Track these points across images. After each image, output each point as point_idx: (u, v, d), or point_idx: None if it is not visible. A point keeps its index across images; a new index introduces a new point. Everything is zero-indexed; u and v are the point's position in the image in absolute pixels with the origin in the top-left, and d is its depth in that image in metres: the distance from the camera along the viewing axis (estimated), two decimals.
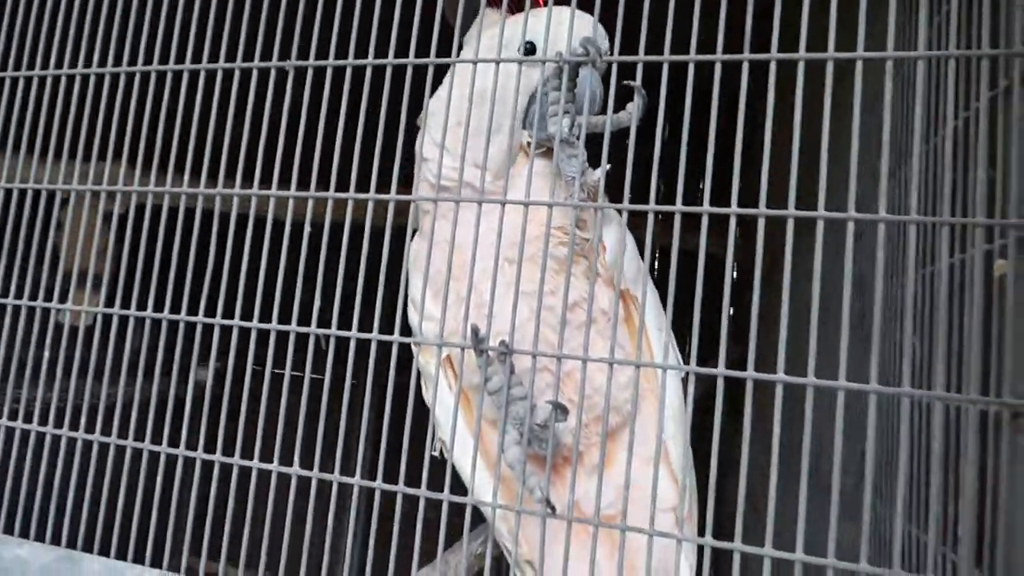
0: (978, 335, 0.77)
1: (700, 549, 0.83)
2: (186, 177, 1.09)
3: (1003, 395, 0.75)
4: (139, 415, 1.05)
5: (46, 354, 1.12)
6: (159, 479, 1.00)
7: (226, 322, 1.01)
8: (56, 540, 1.03)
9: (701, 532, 0.83)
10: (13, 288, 1.17)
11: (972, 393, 0.76)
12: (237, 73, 1.07)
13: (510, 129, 1.03)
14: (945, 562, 0.84)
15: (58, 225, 1.23)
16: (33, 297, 1.14)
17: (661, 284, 0.96)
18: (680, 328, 0.85)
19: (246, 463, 0.97)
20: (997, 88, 0.81)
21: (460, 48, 1.13)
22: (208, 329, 1.02)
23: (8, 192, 1.23)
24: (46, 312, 1.13)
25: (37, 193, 1.21)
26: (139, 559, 0.99)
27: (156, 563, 0.97)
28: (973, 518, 0.76)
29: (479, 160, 0.96)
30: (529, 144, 1.10)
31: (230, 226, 1.07)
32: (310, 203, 1.02)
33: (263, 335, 0.99)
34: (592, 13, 0.93)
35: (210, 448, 0.99)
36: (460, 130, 0.96)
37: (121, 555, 0.99)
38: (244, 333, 1.00)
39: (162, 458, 1.01)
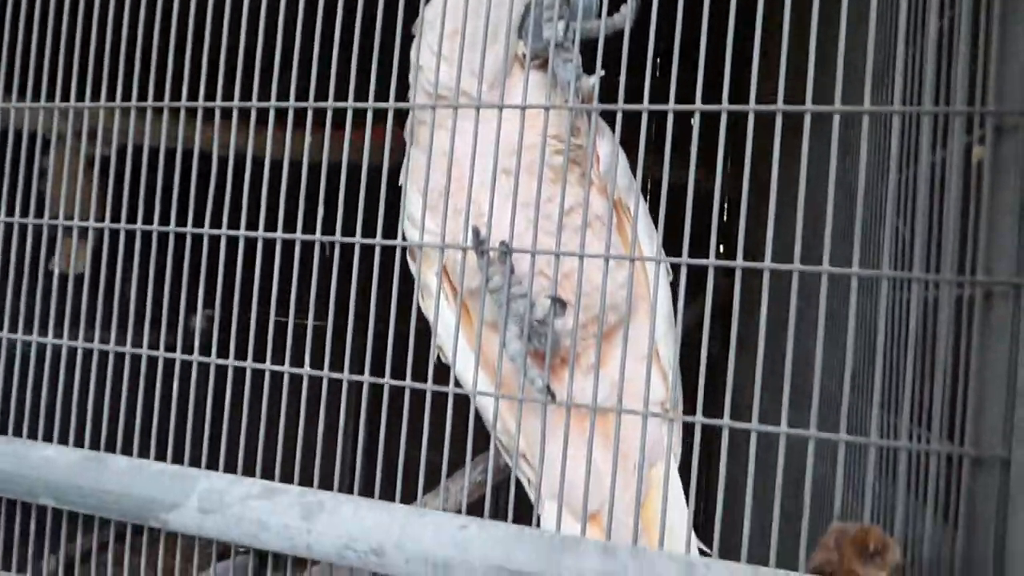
0: (955, 219, 0.81)
1: (687, 436, 0.89)
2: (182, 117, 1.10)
3: (977, 275, 0.79)
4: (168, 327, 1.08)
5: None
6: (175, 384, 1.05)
7: (250, 233, 1.04)
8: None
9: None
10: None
11: (948, 274, 0.81)
12: None
13: (506, 37, 1.04)
14: (921, 440, 0.90)
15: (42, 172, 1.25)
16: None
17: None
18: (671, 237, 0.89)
19: (259, 366, 1.01)
20: None
21: None
22: (222, 242, 1.06)
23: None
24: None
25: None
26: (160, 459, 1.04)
27: (177, 462, 1.02)
28: (944, 392, 0.82)
29: (476, 68, 0.98)
30: (525, 55, 1.11)
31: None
32: (310, 113, 1.04)
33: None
34: None
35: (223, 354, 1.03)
36: (457, 38, 0.98)
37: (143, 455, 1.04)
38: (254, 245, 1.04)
39: (177, 364, 1.05)
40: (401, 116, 1.06)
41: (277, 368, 1.01)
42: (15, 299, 1.20)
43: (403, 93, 1.13)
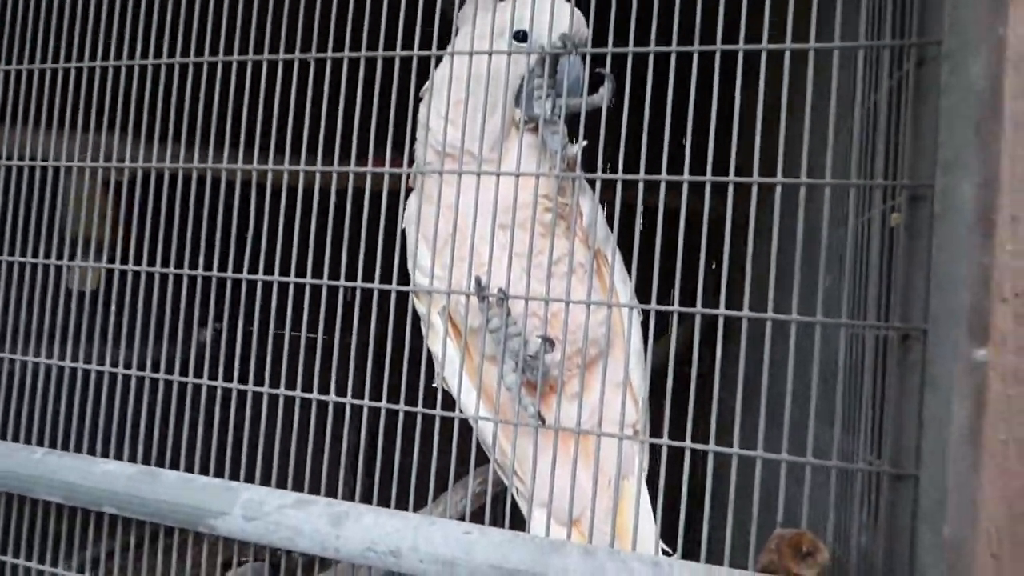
0: (876, 273, 0.97)
1: (653, 455, 1.05)
2: (211, 150, 1.28)
3: (893, 321, 0.95)
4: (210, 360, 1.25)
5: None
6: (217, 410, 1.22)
7: (267, 278, 1.21)
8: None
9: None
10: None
11: (871, 319, 0.97)
12: (265, 65, 1.25)
13: (502, 108, 1.21)
14: (852, 459, 1.06)
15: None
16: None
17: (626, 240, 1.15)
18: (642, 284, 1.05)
19: (290, 393, 1.18)
20: (899, 73, 0.99)
21: (457, 31, 1.31)
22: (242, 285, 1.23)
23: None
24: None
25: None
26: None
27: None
28: (871, 417, 0.98)
29: (477, 133, 1.15)
30: (521, 121, 1.28)
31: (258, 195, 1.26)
32: (334, 175, 1.20)
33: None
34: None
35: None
36: (461, 106, 1.15)
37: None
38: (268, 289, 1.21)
39: (219, 392, 1.22)
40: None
41: (307, 395, 1.18)
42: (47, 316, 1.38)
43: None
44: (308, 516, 1.11)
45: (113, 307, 1.30)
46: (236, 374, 1.23)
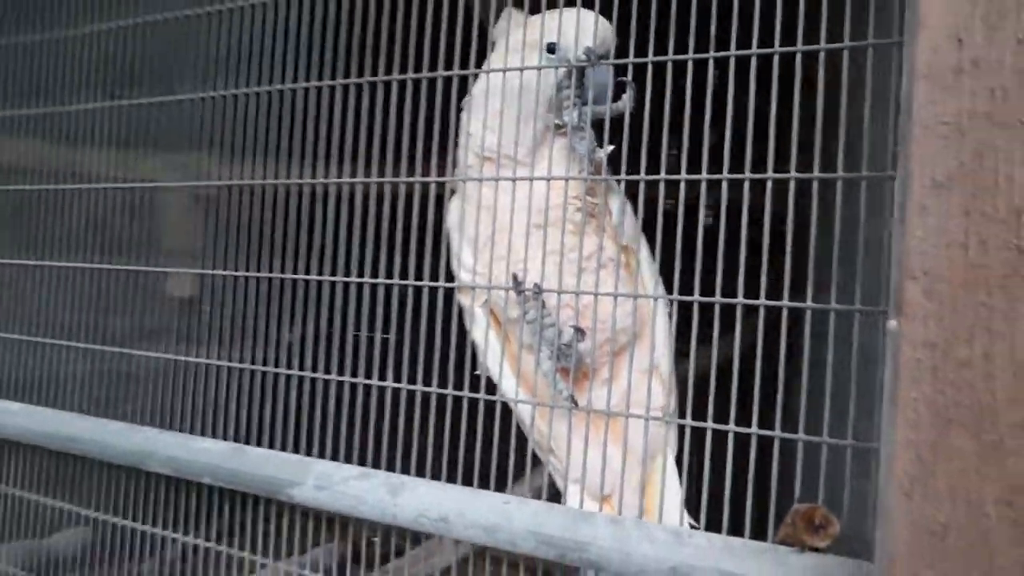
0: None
1: (680, 435, 1.13)
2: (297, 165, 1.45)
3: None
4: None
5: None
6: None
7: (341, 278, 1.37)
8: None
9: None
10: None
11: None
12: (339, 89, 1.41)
13: (533, 117, 1.31)
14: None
15: None
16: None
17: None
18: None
19: (367, 381, 1.34)
20: None
21: (493, 45, 1.42)
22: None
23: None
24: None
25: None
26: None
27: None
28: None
29: (515, 139, 1.26)
30: (555, 126, 1.38)
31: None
32: (402, 187, 1.35)
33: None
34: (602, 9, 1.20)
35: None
36: (498, 116, 1.26)
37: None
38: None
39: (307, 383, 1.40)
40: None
41: (377, 383, 1.32)
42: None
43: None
44: (370, 486, 1.26)
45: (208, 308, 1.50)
46: (310, 365, 1.40)
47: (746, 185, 1.08)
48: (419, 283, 1.29)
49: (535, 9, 1.41)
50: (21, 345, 1.78)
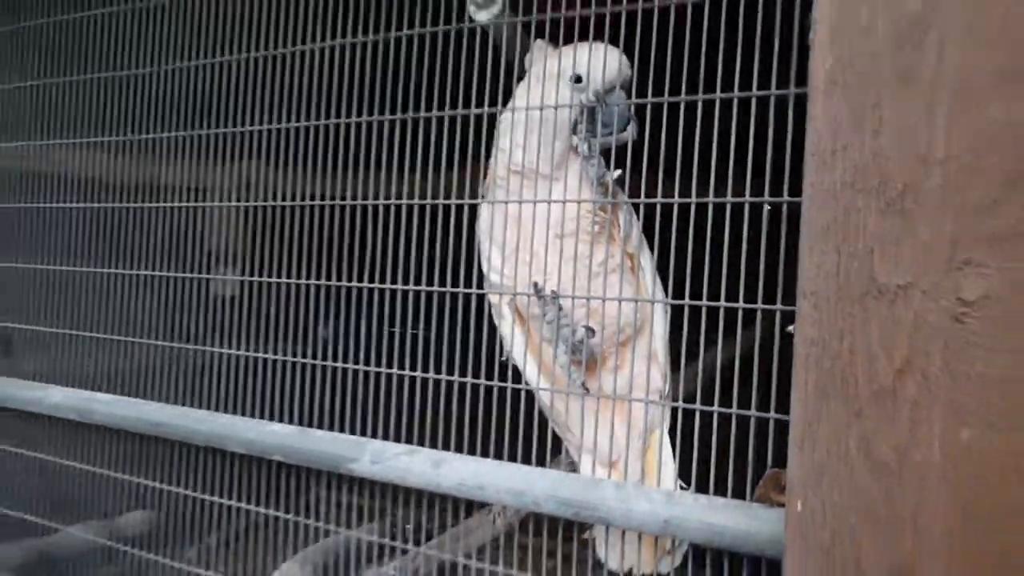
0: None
1: (673, 413, 1.35)
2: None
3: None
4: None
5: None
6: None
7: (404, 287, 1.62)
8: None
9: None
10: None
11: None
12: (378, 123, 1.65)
13: (553, 139, 1.53)
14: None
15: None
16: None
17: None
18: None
19: (412, 373, 1.59)
20: None
21: (525, 73, 1.65)
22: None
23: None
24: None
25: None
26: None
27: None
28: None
29: (544, 156, 1.49)
30: (576, 147, 1.61)
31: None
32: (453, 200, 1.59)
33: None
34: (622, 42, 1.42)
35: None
36: (527, 135, 1.50)
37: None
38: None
39: (361, 375, 1.65)
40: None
41: (421, 375, 1.57)
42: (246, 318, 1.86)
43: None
44: (416, 460, 1.50)
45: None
46: (363, 359, 1.65)
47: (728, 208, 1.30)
48: (455, 289, 1.53)
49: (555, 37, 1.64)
50: (111, 344, 2.07)
